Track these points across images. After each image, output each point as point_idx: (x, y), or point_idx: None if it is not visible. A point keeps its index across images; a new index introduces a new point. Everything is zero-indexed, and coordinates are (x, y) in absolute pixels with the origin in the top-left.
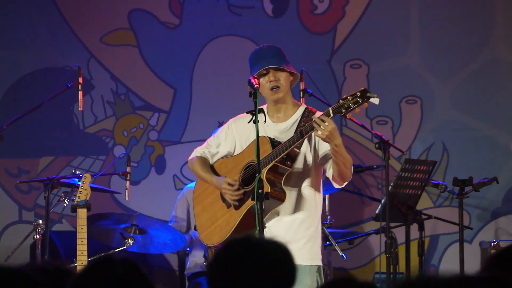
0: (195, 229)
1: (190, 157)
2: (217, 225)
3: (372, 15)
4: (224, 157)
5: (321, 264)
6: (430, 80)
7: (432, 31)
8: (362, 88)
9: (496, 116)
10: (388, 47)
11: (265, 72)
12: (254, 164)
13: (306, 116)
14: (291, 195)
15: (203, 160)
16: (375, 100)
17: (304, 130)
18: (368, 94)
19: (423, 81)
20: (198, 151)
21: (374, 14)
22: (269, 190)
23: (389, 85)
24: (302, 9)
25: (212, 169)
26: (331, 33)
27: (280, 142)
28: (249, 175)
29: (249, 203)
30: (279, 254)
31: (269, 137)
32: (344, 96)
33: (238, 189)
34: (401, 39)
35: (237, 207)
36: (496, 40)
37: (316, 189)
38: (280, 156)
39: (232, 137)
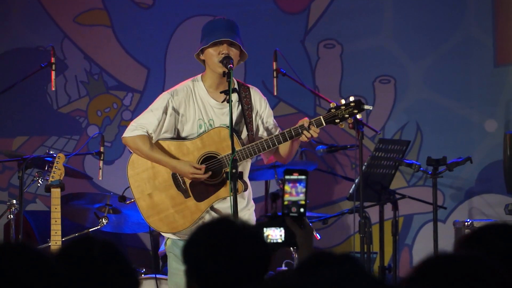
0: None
1: (128, 134)
2: (173, 212)
3: None
4: (165, 136)
5: None
6: (404, 60)
7: (405, 11)
8: (357, 99)
9: (470, 95)
10: (361, 27)
11: (218, 43)
12: (218, 156)
13: (244, 96)
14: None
15: (147, 139)
16: (368, 108)
17: (288, 134)
18: (364, 107)
19: (396, 61)
20: (138, 128)
21: None
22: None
23: (363, 65)
24: None
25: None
26: (304, 13)
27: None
28: (214, 168)
29: (220, 195)
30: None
31: (234, 130)
32: (334, 105)
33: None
34: (375, 19)
35: (200, 199)
36: (468, 20)
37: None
38: (256, 154)
39: (173, 114)
